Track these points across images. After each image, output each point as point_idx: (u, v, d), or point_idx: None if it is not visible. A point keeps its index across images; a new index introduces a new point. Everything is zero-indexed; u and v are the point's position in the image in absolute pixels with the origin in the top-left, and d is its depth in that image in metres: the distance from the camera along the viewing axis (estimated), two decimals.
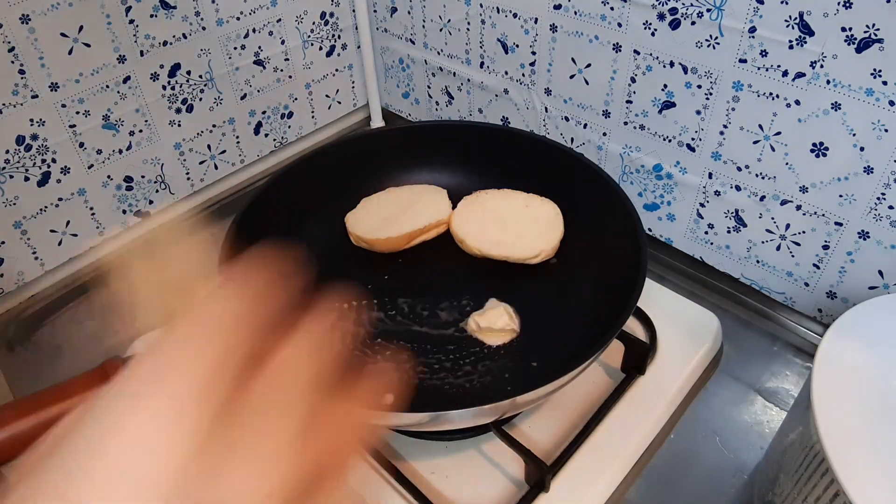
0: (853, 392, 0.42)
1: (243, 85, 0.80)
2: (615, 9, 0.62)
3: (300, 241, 0.66)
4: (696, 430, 0.57)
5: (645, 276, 0.52)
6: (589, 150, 0.73)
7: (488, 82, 0.79)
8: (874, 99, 0.51)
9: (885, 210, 0.54)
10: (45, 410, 0.44)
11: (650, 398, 0.57)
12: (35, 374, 0.66)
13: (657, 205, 0.71)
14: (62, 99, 0.65)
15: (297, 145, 0.92)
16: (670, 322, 0.62)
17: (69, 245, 0.72)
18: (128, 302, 0.31)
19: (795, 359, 0.64)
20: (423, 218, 0.67)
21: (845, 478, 0.37)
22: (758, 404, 0.60)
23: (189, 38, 0.73)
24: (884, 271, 0.57)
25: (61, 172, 0.68)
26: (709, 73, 0.59)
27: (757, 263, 0.66)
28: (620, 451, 0.54)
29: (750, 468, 0.55)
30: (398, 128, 0.74)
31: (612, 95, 0.68)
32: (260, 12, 0.78)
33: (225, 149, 0.83)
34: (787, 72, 0.55)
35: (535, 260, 0.63)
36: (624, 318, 0.49)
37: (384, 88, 0.96)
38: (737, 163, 0.62)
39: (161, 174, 0.77)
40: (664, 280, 0.70)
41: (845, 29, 0.50)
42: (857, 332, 0.46)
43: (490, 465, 0.53)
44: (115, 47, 0.67)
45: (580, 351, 0.47)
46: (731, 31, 0.56)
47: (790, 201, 0.60)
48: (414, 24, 0.83)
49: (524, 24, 0.71)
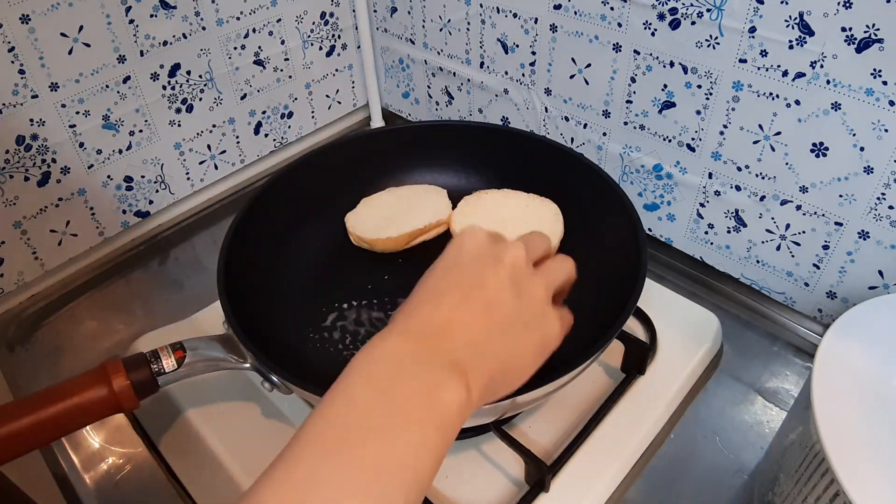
0: (853, 392, 0.42)
1: (243, 85, 0.80)
2: (615, 9, 0.62)
3: (301, 242, 0.66)
4: (696, 430, 0.57)
5: (645, 276, 0.52)
6: (589, 150, 0.73)
7: (488, 82, 0.79)
8: (874, 99, 0.51)
9: (885, 210, 0.54)
10: (45, 410, 0.44)
11: (650, 398, 0.57)
12: (35, 374, 0.66)
13: (657, 205, 0.71)
14: (62, 99, 0.65)
15: (297, 145, 0.92)
16: (670, 322, 0.62)
17: (69, 245, 0.72)
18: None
19: (795, 359, 0.64)
20: (423, 218, 0.67)
21: (845, 478, 0.37)
22: (758, 404, 0.60)
23: (189, 38, 0.73)
24: (884, 271, 0.57)
25: (61, 172, 0.68)
26: (709, 73, 0.59)
27: (757, 263, 0.66)
28: (620, 451, 0.54)
29: (750, 468, 0.55)
30: (398, 128, 0.74)
31: (612, 95, 0.68)
32: (260, 12, 0.78)
33: (225, 149, 0.83)
34: (787, 72, 0.55)
35: None
36: (624, 318, 0.49)
37: (384, 88, 0.96)
38: (737, 163, 0.62)
39: (161, 174, 0.78)
40: (664, 280, 0.70)
41: (845, 29, 0.50)
42: (857, 332, 0.45)
43: (490, 465, 0.53)
44: (115, 47, 0.67)
45: (580, 351, 0.47)
46: (731, 31, 0.56)
47: (790, 201, 0.60)
48: (414, 24, 0.83)
49: (524, 24, 0.71)
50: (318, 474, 0.27)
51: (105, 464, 0.57)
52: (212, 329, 0.57)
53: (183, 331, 0.62)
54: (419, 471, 0.29)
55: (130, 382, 0.46)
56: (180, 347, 0.49)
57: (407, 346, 0.33)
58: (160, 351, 0.49)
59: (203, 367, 0.50)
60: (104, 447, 0.59)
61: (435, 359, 0.33)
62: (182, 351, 0.49)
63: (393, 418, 0.30)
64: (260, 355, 0.48)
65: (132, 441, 0.59)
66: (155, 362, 0.48)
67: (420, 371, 0.32)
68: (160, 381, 0.48)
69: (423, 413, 0.30)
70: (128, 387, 0.46)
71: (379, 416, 0.30)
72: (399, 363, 0.32)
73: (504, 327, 0.36)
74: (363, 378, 0.32)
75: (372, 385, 0.31)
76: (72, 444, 0.59)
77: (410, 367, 0.32)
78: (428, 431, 0.30)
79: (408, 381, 0.31)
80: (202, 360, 0.50)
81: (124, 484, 0.56)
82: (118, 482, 0.56)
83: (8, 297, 0.71)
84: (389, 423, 0.30)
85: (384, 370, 0.32)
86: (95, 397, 0.45)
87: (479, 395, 0.33)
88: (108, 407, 0.46)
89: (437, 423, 0.31)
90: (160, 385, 0.48)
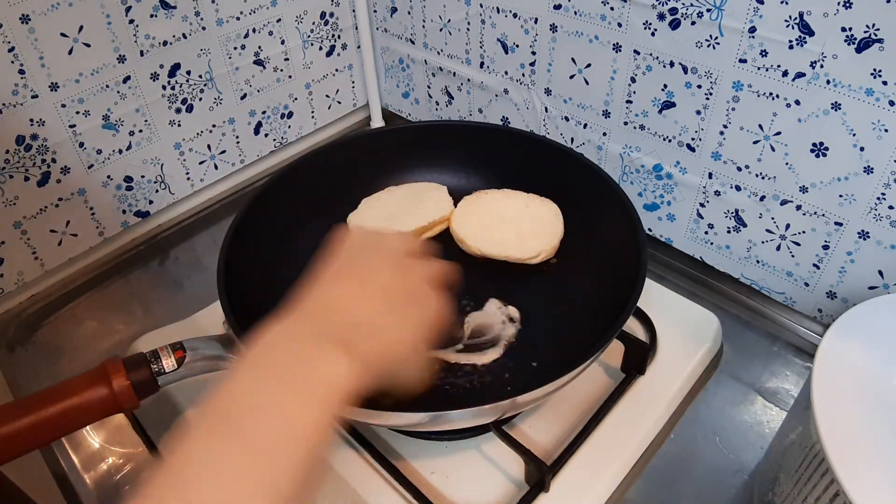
0: (853, 392, 0.42)
1: (243, 85, 0.80)
2: (615, 9, 0.62)
3: (301, 242, 0.66)
4: (696, 430, 0.57)
5: (645, 276, 0.52)
6: (589, 150, 0.73)
7: (488, 82, 0.79)
8: (874, 99, 0.51)
9: (885, 210, 0.54)
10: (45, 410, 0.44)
11: (650, 398, 0.57)
12: (35, 374, 0.66)
13: (657, 205, 0.71)
14: (62, 99, 0.65)
15: (297, 145, 0.92)
16: (670, 322, 0.62)
17: (69, 245, 0.72)
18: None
19: (795, 359, 0.64)
20: (426, 215, 0.67)
21: (845, 478, 0.37)
22: (758, 404, 0.60)
23: (189, 38, 0.73)
24: (884, 271, 0.57)
25: (61, 172, 0.68)
26: (709, 73, 0.59)
27: (757, 263, 0.66)
28: (620, 451, 0.54)
29: (750, 468, 0.55)
30: (398, 128, 0.74)
31: (612, 95, 0.68)
32: (260, 12, 0.78)
33: (225, 149, 0.83)
34: (787, 72, 0.55)
35: (535, 260, 0.63)
36: (624, 318, 0.49)
37: (384, 88, 0.96)
38: (737, 163, 0.62)
39: (161, 174, 0.78)
40: (664, 280, 0.70)
41: (845, 29, 0.50)
42: (857, 332, 0.46)
43: (490, 465, 0.53)
44: (115, 47, 0.67)
45: (580, 351, 0.47)
46: (731, 31, 0.56)
47: (790, 201, 0.60)
48: (414, 24, 0.83)
49: (524, 24, 0.71)
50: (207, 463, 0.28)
51: (105, 464, 0.57)
52: (212, 329, 0.57)
53: (183, 331, 0.62)
54: (305, 444, 0.30)
55: (130, 382, 0.46)
56: (180, 347, 0.49)
57: (288, 329, 0.35)
58: (160, 351, 0.49)
59: (203, 367, 0.50)
60: (104, 447, 0.59)
61: (314, 336, 0.34)
62: (182, 351, 0.49)
63: (273, 395, 0.31)
64: None
65: (132, 441, 0.59)
66: (155, 362, 0.48)
67: (300, 349, 0.33)
68: (160, 381, 0.48)
69: (303, 387, 0.31)
70: (128, 387, 0.46)
71: (259, 395, 0.31)
72: (280, 344, 0.34)
73: (385, 303, 0.38)
74: (246, 363, 0.33)
75: (254, 367, 0.33)
76: (72, 444, 0.59)
77: (289, 345, 0.33)
78: (310, 404, 0.31)
79: (288, 359, 0.33)
80: (202, 360, 0.50)
81: (124, 484, 0.56)
82: (118, 482, 0.56)
83: (8, 297, 0.71)
84: (269, 399, 0.31)
85: (265, 352, 0.33)
86: (95, 397, 0.45)
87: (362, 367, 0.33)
88: (108, 407, 0.46)
89: (320, 395, 0.31)
90: (160, 385, 0.48)
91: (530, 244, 0.64)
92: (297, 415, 0.30)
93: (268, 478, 0.28)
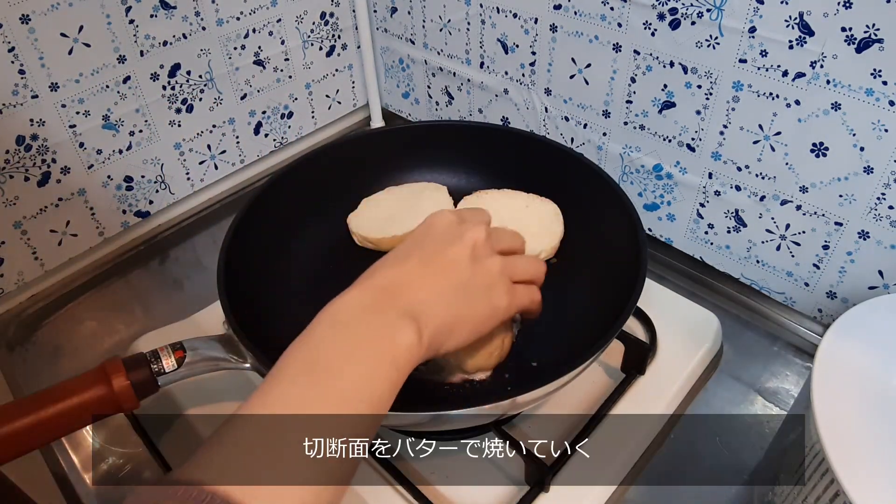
0: (853, 392, 0.42)
1: (243, 85, 0.80)
2: (615, 9, 0.62)
3: (301, 242, 0.66)
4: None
5: (645, 276, 0.52)
6: (589, 150, 0.73)
7: (488, 82, 0.79)
8: (874, 99, 0.51)
9: (885, 210, 0.54)
10: (45, 410, 0.44)
11: (650, 398, 0.57)
12: (35, 374, 0.66)
13: (657, 205, 0.71)
14: (62, 99, 0.65)
15: (297, 145, 0.92)
16: (670, 322, 0.62)
17: (69, 245, 0.72)
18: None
19: (795, 359, 0.64)
20: (426, 215, 0.66)
21: (845, 478, 0.37)
22: (758, 404, 0.60)
23: (189, 38, 0.73)
24: (884, 271, 0.57)
25: (61, 172, 0.68)
26: (709, 73, 0.59)
27: (757, 263, 0.66)
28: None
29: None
30: (398, 128, 0.74)
31: (612, 95, 0.68)
32: (260, 12, 0.78)
33: (225, 149, 0.83)
34: (787, 72, 0.55)
35: None
36: (624, 318, 0.49)
37: (384, 88, 0.96)
38: (737, 163, 0.62)
39: (161, 174, 0.78)
40: (664, 280, 0.70)
41: (845, 29, 0.50)
42: (857, 332, 0.46)
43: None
44: (115, 47, 0.67)
45: (580, 351, 0.47)
46: (731, 31, 0.56)
47: (790, 201, 0.60)
48: (414, 24, 0.83)
49: (524, 24, 0.71)
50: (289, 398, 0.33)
51: (105, 464, 0.57)
52: (212, 329, 0.57)
53: (183, 331, 0.62)
54: (376, 398, 0.35)
55: (130, 382, 0.46)
56: (180, 347, 0.49)
57: (366, 299, 0.38)
58: (160, 351, 0.49)
59: (203, 367, 0.50)
60: (104, 447, 0.59)
61: (390, 309, 0.38)
62: (182, 351, 0.49)
63: (352, 354, 0.35)
64: (260, 355, 0.48)
65: (132, 441, 0.59)
66: (155, 362, 0.48)
67: (375, 318, 0.37)
68: (160, 381, 0.48)
69: (378, 350, 0.36)
70: (128, 387, 0.46)
71: (339, 353, 0.35)
72: (359, 311, 0.37)
73: (457, 289, 0.41)
74: (326, 324, 0.37)
75: (333, 329, 0.36)
76: (72, 444, 0.59)
77: (367, 315, 0.37)
78: (383, 365, 0.35)
79: (365, 325, 0.37)
80: (202, 360, 0.50)
81: (124, 484, 0.56)
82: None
83: (8, 297, 0.71)
84: (348, 358, 0.35)
85: (344, 317, 0.37)
86: (95, 397, 0.45)
87: (428, 341, 0.38)
88: (108, 407, 0.46)
89: (391, 358, 0.36)
90: (160, 385, 0.48)
91: (530, 244, 0.63)
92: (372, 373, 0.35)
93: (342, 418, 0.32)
